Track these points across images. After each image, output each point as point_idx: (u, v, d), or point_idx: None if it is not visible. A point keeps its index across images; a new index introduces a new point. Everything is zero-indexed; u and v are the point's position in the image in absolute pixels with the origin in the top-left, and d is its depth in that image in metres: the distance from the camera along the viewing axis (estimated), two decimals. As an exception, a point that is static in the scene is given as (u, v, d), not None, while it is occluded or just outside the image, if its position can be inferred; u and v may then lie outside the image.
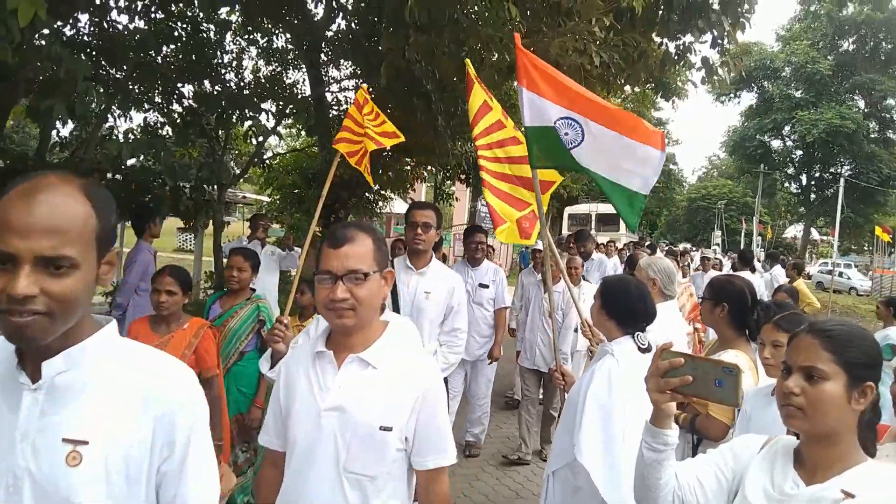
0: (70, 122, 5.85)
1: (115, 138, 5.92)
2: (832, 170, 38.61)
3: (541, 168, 3.34)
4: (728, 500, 1.51)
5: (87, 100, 4.39)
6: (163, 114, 7.91)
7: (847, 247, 43.22)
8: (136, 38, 6.66)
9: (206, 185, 7.26)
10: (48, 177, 1.04)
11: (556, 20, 5.42)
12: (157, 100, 7.68)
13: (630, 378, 2.20)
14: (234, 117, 7.93)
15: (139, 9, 6.91)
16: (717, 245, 38.85)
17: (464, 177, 11.02)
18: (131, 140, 5.89)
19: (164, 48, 7.36)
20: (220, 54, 8.34)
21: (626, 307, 2.49)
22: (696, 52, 6.63)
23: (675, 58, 6.69)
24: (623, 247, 14.64)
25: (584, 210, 28.70)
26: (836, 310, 19.89)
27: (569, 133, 3.05)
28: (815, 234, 45.48)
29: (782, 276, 9.93)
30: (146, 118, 8.07)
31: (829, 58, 37.36)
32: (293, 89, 9.34)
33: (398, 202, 14.62)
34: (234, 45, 9.14)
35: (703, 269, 10.04)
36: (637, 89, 14.17)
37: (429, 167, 10.85)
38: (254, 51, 9.42)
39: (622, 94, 18.20)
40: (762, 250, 30.12)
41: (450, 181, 12.96)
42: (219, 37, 8.30)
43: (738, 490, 1.49)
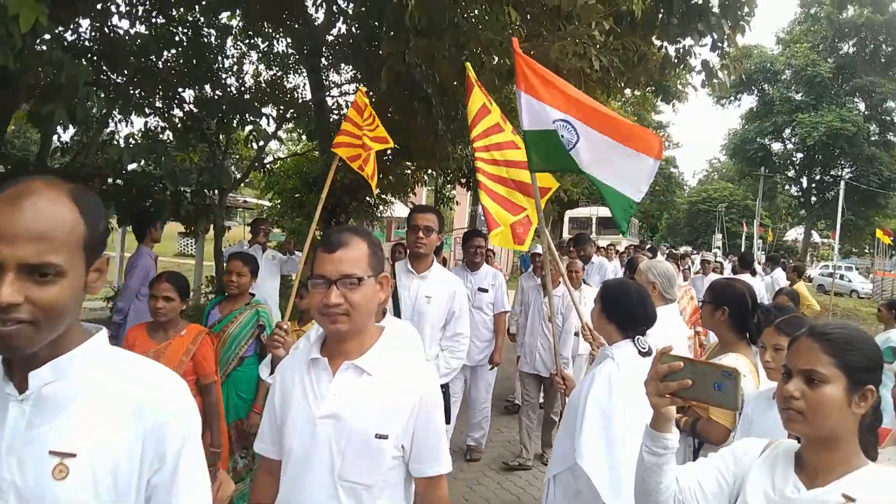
0: (71, 127, 5.87)
1: (116, 143, 5.94)
2: (833, 172, 38.63)
3: (539, 172, 3.35)
4: (729, 503, 1.51)
5: (88, 105, 4.39)
6: (164, 118, 7.94)
7: (848, 249, 43.20)
8: (137, 43, 6.69)
9: (206, 190, 7.29)
10: (34, 182, 1.02)
11: (556, 24, 5.42)
12: (158, 104, 7.70)
13: (630, 382, 2.20)
14: (235, 122, 7.97)
15: (140, 14, 6.95)
16: (718, 248, 38.81)
17: (464, 181, 11.04)
18: (132, 145, 5.91)
19: (165, 53, 7.40)
20: (220, 59, 8.39)
21: (626, 311, 2.49)
22: (696, 55, 6.63)
23: (675, 61, 6.69)
24: (624, 250, 14.64)
25: (584, 214, 28.71)
26: (837, 312, 19.85)
27: (564, 136, 3.06)
28: (815, 236, 45.43)
29: (783, 279, 9.93)
30: (147, 123, 8.11)
31: (829, 60, 37.40)
32: (294, 94, 9.38)
33: (399, 206, 14.63)
34: (235, 49, 9.18)
35: (703, 272, 10.03)
36: (637, 92, 14.19)
37: (429, 171, 10.88)
38: (254, 55, 9.47)
39: (622, 98, 18.22)
40: (763, 253, 30.08)
41: (450, 185, 12.98)
42: (220, 41, 8.34)
43: (739, 494, 1.49)
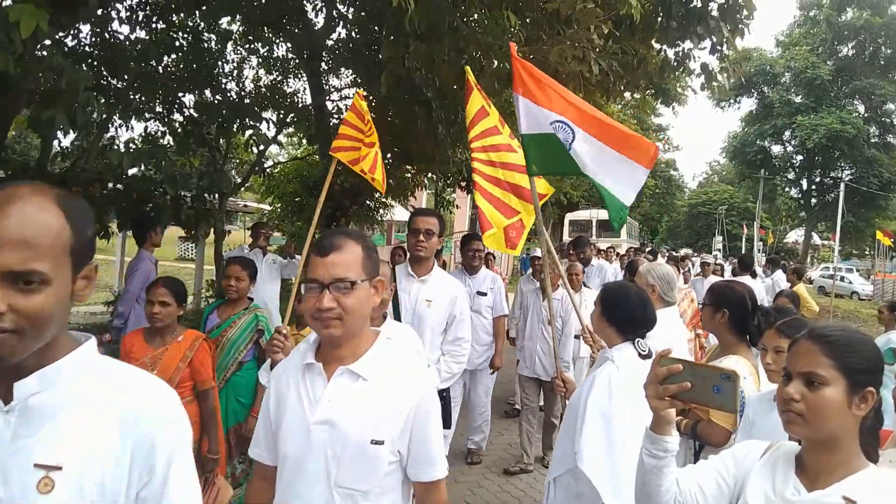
0: (71, 132, 5.87)
1: (116, 148, 5.95)
2: (833, 174, 38.66)
3: (537, 175, 3.36)
4: (730, 506, 1.51)
5: (89, 110, 4.41)
6: (164, 123, 7.96)
7: (848, 251, 43.20)
8: (138, 48, 6.72)
9: (207, 195, 7.28)
10: (20, 187, 0.99)
11: (556, 28, 5.43)
12: (159, 109, 7.72)
13: (630, 384, 2.20)
14: (235, 126, 7.97)
15: (140, 19, 6.97)
16: (719, 250, 38.82)
17: (464, 184, 11.03)
18: (132, 150, 5.90)
19: (165, 58, 7.42)
20: (220, 64, 8.40)
21: (625, 314, 2.49)
22: (696, 58, 6.63)
23: (675, 64, 6.68)
24: (624, 253, 14.63)
25: (584, 216, 28.74)
26: (837, 314, 19.84)
27: (561, 136, 3.08)
28: (816, 238, 45.45)
29: (783, 281, 9.93)
30: (147, 128, 8.12)
31: (828, 63, 37.47)
32: (294, 98, 9.40)
33: (399, 209, 14.65)
34: (235, 54, 9.21)
35: (703, 274, 10.03)
36: (637, 96, 14.21)
37: (429, 174, 10.88)
38: (254, 60, 9.49)
39: (622, 101, 18.24)
40: (764, 255, 30.09)
41: (450, 188, 12.98)
42: (220, 46, 8.37)
43: (740, 496, 1.49)
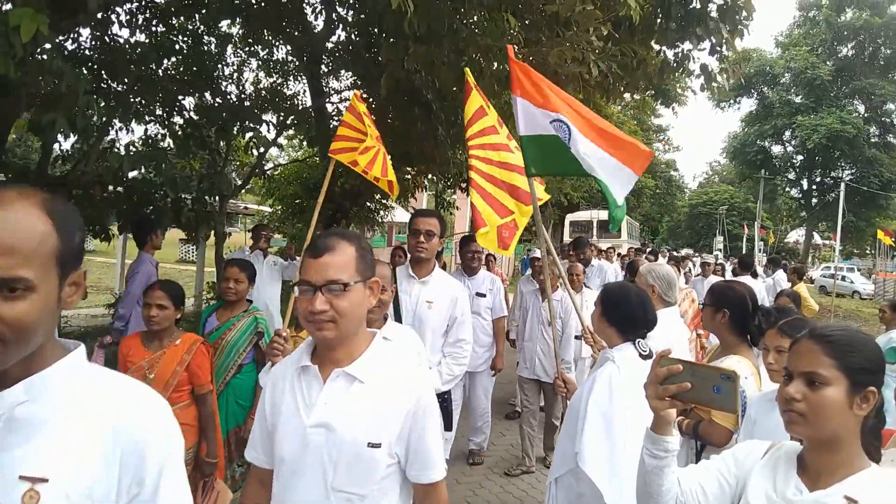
0: (72, 136, 5.88)
1: (116, 151, 5.95)
2: (833, 174, 38.68)
3: (536, 176, 3.36)
4: (731, 505, 1.51)
5: (89, 113, 4.41)
6: (164, 126, 7.96)
7: (849, 251, 43.20)
8: (138, 51, 6.73)
9: (207, 197, 7.29)
10: (5, 192, 0.97)
11: (555, 30, 5.43)
12: (159, 112, 7.73)
13: (631, 385, 2.20)
14: (235, 129, 7.98)
15: (140, 23, 6.98)
16: (720, 250, 38.81)
17: (464, 185, 11.03)
18: (133, 153, 5.90)
19: (165, 61, 7.43)
20: (220, 67, 8.41)
21: (626, 314, 2.49)
22: (695, 59, 6.63)
23: (674, 65, 6.69)
24: (626, 253, 14.63)
25: (585, 217, 28.73)
26: (839, 313, 19.84)
27: (560, 135, 3.09)
28: (817, 238, 45.42)
29: (784, 280, 9.92)
30: (147, 130, 8.13)
31: (828, 63, 37.49)
32: (294, 100, 9.40)
33: (399, 211, 14.66)
34: (235, 57, 9.22)
35: (703, 274, 10.03)
36: (637, 96, 14.22)
37: (429, 176, 10.90)
38: (254, 63, 9.50)
39: (622, 102, 18.25)
40: (765, 255, 30.08)
41: (451, 190, 13.00)
42: (220, 49, 8.37)
43: (742, 496, 1.49)
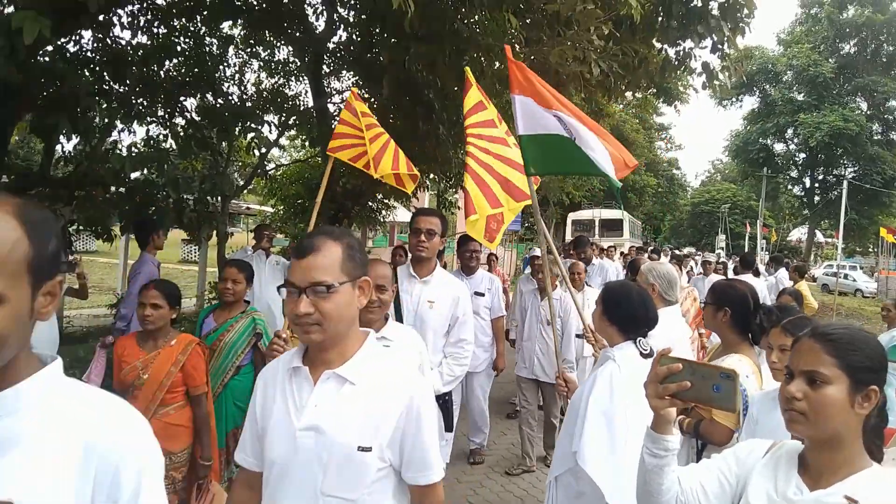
0: (74, 137, 5.90)
1: (118, 152, 5.96)
2: (836, 172, 38.55)
3: (534, 175, 3.37)
4: (732, 504, 1.51)
5: (91, 115, 4.42)
6: (166, 127, 7.98)
7: (852, 249, 43.07)
8: (139, 53, 6.74)
9: (209, 197, 7.30)
10: None
11: (556, 30, 5.43)
12: (161, 113, 7.74)
13: (632, 383, 2.20)
14: (237, 130, 7.99)
15: (142, 24, 6.99)
16: (722, 249, 38.75)
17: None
18: (135, 154, 5.91)
19: (167, 63, 7.45)
20: (222, 68, 8.43)
21: (627, 313, 2.49)
22: (697, 57, 6.62)
23: (676, 63, 6.68)
24: (628, 252, 14.62)
25: (587, 216, 28.69)
26: (841, 312, 19.81)
27: (562, 130, 3.10)
28: (819, 236, 45.34)
29: (787, 279, 9.90)
30: (149, 132, 8.14)
31: (830, 60, 37.37)
32: (295, 101, 9.41)
33: (401, 210, 14.65)
34: (237, 58, 9.23)
35: (704, 273, 10.03)
36: (638, 95, 14.20)
37: (431, 175, 10.91)
38: (256, 64, 9.50)
39: (623, 101, 18.23)
40: (767, 254, 30.02)
41: (452, 189, 13.00)
42: (221, 51, 8.39)
43: (742, 495, 1.48)
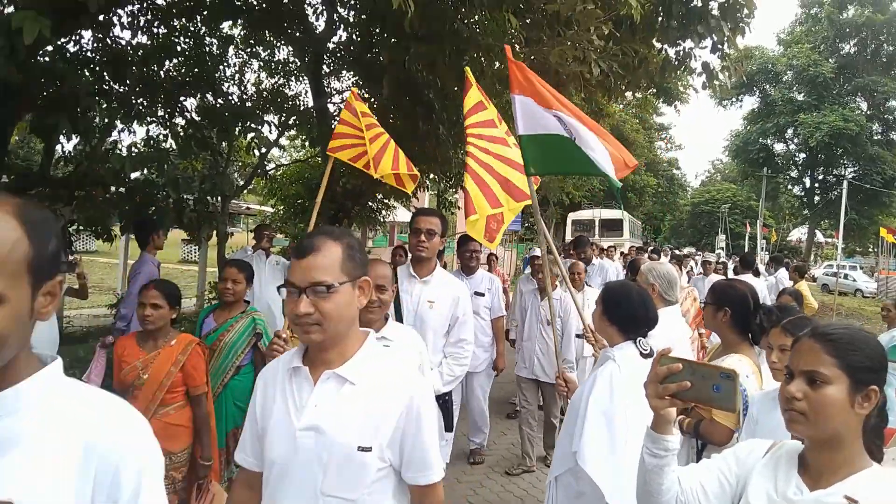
0: (74, 137, 5.89)
1: (118, 152, 5.96)
2: (836, 172, 38.54)
3: (534, 175, 3.37)
4: (731, 505, 1.51)
5: (91, 115, 4.42)
6: (166, 127, 7.98)
7: (852, 249, 43.06)
8: (140, 53, 6.74)
9: (209, 197, 7.30)
10: None
11: (556, 30, 5.43)
12: (161, 113, 7.74)
13: (632, 383, 2.20)
14: (237, 130, 7.99)
15: (142, 24, 6.99)
16: (722, 249, 38.74)
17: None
18: (135, 154, 5.91)
19: (167, 63, 7.44)
20: (222, 68, 8.43)
21: (627, 313, 2.49)
22: (697, 57, 6.62)
23: (676, 63, 6.68)
24: (628, 252, 14.62)
25: (587, 216, 28.69)
26: (841, 311, 19.81)
27: (562, 130, 3.10)
28: (819, 236, 45.33)
29: (786, 279, 9.90)
30: (149, 132, 8.14)
31: (830, 60, 37.36)
32: (295, 101, 9.41)
33: (401, 210, 14.65)
34: (237, 58, 9.23)
35: (704, 273, 10.03)
36: (638, 95, 14.20)
37: (431, 175, 10.92)
38: (256, 64, 9.50)
39: (623, 101, 18.23)
40: (767, 254, 30.02)
41: (452, 189, 13.00)
42: (221, 51, 8.38)
43: (742, 495, 1.48)
